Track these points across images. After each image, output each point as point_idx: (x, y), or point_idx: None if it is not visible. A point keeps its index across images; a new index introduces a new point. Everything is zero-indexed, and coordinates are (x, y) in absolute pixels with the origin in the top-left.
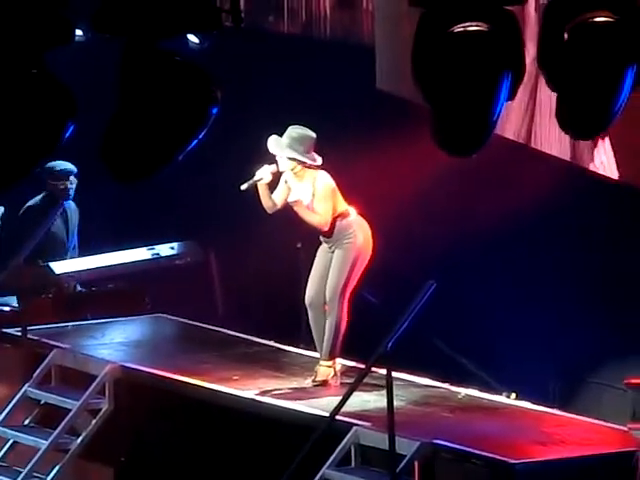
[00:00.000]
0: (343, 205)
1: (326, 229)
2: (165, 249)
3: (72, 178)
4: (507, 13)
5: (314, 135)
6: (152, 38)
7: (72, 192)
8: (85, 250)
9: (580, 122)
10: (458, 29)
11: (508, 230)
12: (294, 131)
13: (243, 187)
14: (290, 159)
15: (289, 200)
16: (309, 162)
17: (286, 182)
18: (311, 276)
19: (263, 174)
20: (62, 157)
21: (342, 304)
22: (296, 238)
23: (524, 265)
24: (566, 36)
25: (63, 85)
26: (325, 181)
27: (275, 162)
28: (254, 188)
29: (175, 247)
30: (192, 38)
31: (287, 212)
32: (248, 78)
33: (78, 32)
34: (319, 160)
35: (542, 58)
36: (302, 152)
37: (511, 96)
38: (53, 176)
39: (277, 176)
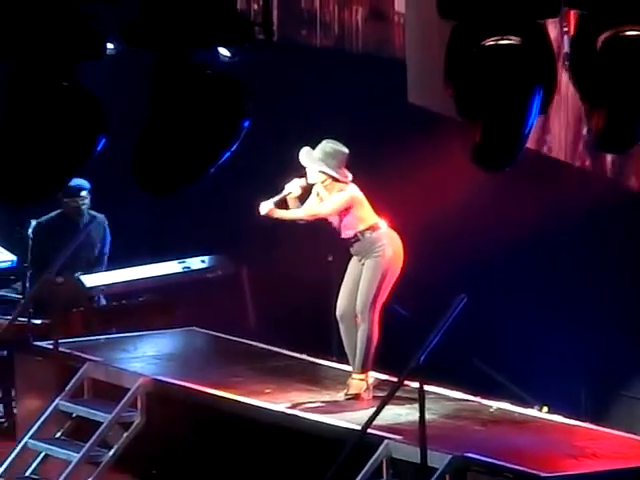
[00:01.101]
0: (373, 218)
1: (306, 218)
2: (196, 262)
3: (84, 194)
4: (539, 26)
5: (347, 151)
6: (183, 51)
7: (85, 209)
8: (116, 263)
9: (612, 135)
10: (490, 42)
11: (541, 243)
12: (328, 145)
13: (273, 201)
14: (321, 172)
15: (262, 213)
16: (340, 178)
17: (318, 194)
18: (342, 289)
19: (292, 188)
20: (93, 170)
21: (373, 317)
22: (327, 251)
23: (557, 278)
24: (598, 49)
25: (94, 98)
26: (348, 191)
27: (304, 175)
28: (284, 202)
29: (206, 260)
30: (223, 51)
31: (318, 225)
32: (280, 91)
33: (109, 45)
34: (350, 176)
35: (574, 71)
36: (334, 167)
37: (543, 110)
38: (65, 193)
39: (306, 189)
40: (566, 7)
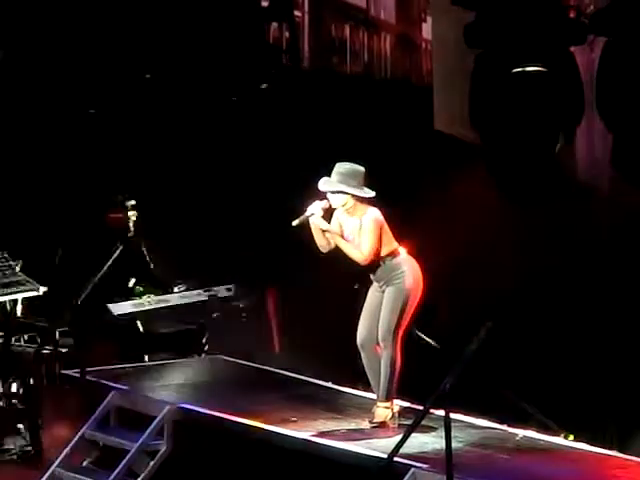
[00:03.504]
0: (393, 244)
1: (364, 264)
2: (222, 290)
3: (131, 211)
4: (565, 54)
5: (363, 169)
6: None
7: (132, 226)
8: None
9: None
10: (516, 70)
11: (566, 271)
12: (341, 167)
13: (294, 223)
14: (342, 192)
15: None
16: (362, 195)
17: (337, 219)
18: (362, 316)
19: (314, 209)
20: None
21: (395, 344)
22: (353, 279)
23: (581, 306)
24: (621, 80)
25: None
26: (373, 215)
27: (326, 198)
28: (306, 225)
29: (232, 288)
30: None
31: (344, 253)
32: (309, 118)
33: None
34: (372, 193)
35: (599, 97)
36: (355, 186)
37: (569, 139)
38: (112, 206)
39: (328, 212)
40: (592, 35)
